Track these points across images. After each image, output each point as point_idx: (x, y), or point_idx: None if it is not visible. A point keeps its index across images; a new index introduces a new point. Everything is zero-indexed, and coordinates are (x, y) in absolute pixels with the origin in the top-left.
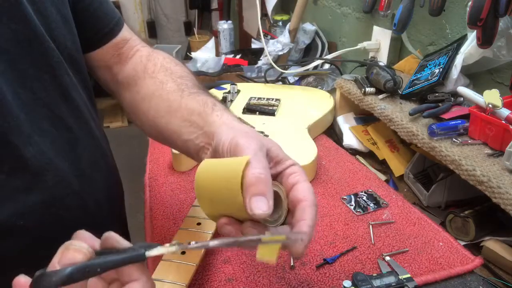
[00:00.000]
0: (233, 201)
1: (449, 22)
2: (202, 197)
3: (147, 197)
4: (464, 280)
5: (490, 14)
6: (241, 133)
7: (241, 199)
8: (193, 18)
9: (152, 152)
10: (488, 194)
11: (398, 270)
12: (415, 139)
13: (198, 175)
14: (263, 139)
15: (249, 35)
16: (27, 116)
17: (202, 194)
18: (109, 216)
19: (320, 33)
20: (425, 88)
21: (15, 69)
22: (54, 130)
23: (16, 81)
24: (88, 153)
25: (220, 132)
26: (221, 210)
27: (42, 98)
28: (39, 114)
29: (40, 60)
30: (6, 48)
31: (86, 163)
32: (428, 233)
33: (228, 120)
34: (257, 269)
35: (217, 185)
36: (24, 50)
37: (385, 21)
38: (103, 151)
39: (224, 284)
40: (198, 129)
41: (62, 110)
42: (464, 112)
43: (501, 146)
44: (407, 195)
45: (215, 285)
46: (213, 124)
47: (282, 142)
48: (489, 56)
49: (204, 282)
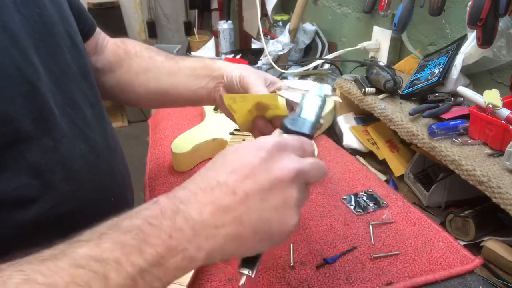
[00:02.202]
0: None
1: (449, 22)
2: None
3: (147, 197)
4: (464, 280)
5: (490, 14)
6: (244, 68)
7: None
8: (193, 18)
9: (152, 152)
10: (488, 194)
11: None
12: (415, 139)
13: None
14: (258, 71)
15: (249, 35)
16: (59, 90)
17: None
18: (129, 188)
19: (320, 33)
20: (425, 88)
21: (45, 47)
22: (83, 104)
23: (47, 58)
24: (109, 128)
25: (230, 71)
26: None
27: (69, 74)
28: (68, 88)
29: (62, 40)
30: (37, 28)
31: (110, 136)
32: (428, 233)
33: (231, 63)
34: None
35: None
36: (49, 30)
37: (385, 21)
38: (114, 130)
39: (224, 284)
40: (206, 77)
41: (85, 87)
42: (464, 112)
43: (501, 146)
44: (407, 195)
45: (215, 285)
46: (220, 69)
47: None
48: (489, 56)
49: (204, 282)
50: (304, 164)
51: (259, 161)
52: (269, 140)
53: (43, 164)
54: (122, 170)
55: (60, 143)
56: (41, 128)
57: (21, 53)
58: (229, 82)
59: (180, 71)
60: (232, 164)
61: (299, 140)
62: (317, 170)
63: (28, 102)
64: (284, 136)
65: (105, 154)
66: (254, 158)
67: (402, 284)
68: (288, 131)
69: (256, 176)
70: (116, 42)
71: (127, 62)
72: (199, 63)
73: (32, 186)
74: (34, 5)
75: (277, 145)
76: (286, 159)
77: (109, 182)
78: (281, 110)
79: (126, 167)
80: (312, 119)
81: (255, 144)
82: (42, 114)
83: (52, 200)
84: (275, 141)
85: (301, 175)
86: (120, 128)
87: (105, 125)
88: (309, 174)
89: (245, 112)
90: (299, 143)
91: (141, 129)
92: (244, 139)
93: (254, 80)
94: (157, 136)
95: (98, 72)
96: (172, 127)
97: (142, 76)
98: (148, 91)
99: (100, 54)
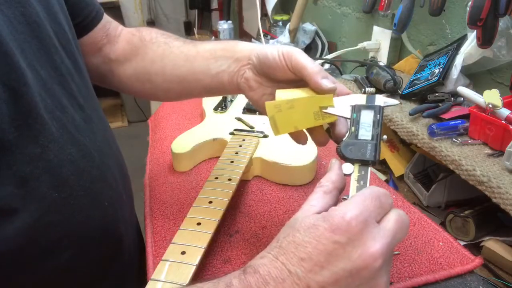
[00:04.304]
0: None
1: (449, 22)
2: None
3: (147, 197)
4: (464, 280)
5: (490, 14)
6: (283, 46)
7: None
8: (193, 18)
9: (152, 152)
10: (488, 194)
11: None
12: (415, 139)
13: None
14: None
15: (249, 35)
16: (47, 93)
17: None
18: (124, 191)
19: (320, 33)
20: (425, 88)
21: (30, 49)
22: (71, 107)
23: (34, 60)
24: (100, 130)
25: (260, 49)
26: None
27: (56, 76)
28: (57, 91)
29: (49, 40)
30: (20, 29)
31: (100, 139)
32: (428, 233)
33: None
34: None
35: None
36: (34, 31)
37: (385, 21)
38: (110, 131)
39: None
40: (228, 59)
41: (73, 88)
42: (464, 112)
43: (501, 146)
44: (407, 195)
45: None
46: (243, 50)
47: (283, 143)
48: (489, 56)
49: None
50: (388, 234)
51: (336, 247)
52: (346, 217)
53: (28, 173)
54: (116, 174)
55: (47, 149)
56: (26, 135)
57: (3, 57)
58: (264, 62)
59: (199, 54)
60: (304, 249)
61: (376, 198)
62: (402, 231)
63: (11, 109)
64: (358, 200)
65: (97, 159)
66: (328, 242)
67: (402, 284)
68: (348, 159)
69: (332, 266)
70: (131, 31)
71: (143, 50)
72: (220, 45)
73: (16, 195)
74: (18, 4)
75: (357, 223)
76: (368, 239)
77: (101, 187)
78: (332, 117)
79: (122, 171)
80: (373, 140)
81: (329, 221)
82: (27, 121)
83: (41, 208)
84: (353, 217)
85: (388, 252)
86: (120, 128)
87: (98, 128)
88: (394, 243)
89: (291, 121)
90: (377, 203)
91: (141, 129)
92: (244, 139)
93: (305, 59)
94: (157, 136)
95: (112, 63)
96: (172, 127)
97: (159, 63)
98: (165, 79)
99: (113, 44)
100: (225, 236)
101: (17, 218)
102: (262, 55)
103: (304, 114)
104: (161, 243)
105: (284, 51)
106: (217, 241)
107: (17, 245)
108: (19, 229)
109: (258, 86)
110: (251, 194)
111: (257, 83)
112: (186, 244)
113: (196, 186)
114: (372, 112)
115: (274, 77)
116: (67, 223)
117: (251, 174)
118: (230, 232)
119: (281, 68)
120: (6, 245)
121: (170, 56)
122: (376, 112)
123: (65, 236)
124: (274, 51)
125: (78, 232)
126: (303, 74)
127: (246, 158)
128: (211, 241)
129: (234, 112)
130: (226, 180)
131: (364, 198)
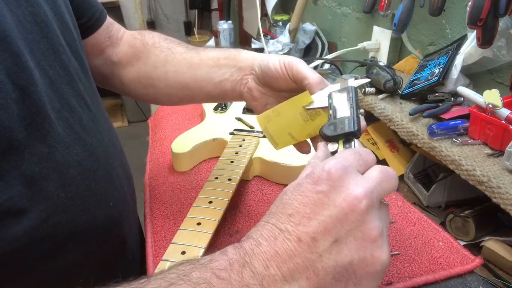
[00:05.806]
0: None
1: (449, 22)
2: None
3: (147, 197)
4: (464, 280)
5: (490, 14)
6: (285, 56)
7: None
8: (193, 18)
9: (152, 152)
10: (488, 194)
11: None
12: (415, 139)
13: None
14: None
15: (249, 35)
16: (55, 93)
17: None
18: (128, 191)
19: (320, 33)
20: (425, 88)
21: (39, 48)
22: (78, 106)
23: (42, 60)
24: (105, 130)
25: (262, 59)
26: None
27: (64, 76)
28: (65, 91)
29: (57, 40)
30: (29, 28)
31: (106, 139)
32: (428, 233)
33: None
34: None
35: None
36: (42, 30)
37: (385, 21)
38: (114, 131)
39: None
40: (230, 67)
41: (80, 88)
42: (464, 112)
43: (501, 146)
44: (407, 195)
45: None
46: (246, 60)
47: None
48: (489, 56)
49: None
50: (371, 180)
51: (320, 197)
52: (325, 167)
53: (37, 173)
54: (121, 174)
55: (55, 149)
56: (35, 135)
57: (13, 56)
58: (266, 72)
59: (202, 62)
60: (291, 206)
61: (355, 152)
62: (387, 181)
63: (21, 109)
64: (337, 155)
65: (102, 159)
66: (312, 194)
67: (402, 284)
68: (331, 138)
69: (319, 215)
70: (133, 34)
71: (145, 54)
72: (223, 53)
73: (25, 195)
74: (27, 3)
75: (336, 170)
76: (350, 184)
77: (106, 188)
78: (323, 115)
79: (126, 171)
80: (351, 114)
81: (311, 176)
82: (35, 120)
83: (48, 209)
84: (331, 166)
85: (373, 196)
86: (120, 128)
87: (103, 128)
88: (380, 190)
89: (283, 129)
90: (357, 156)
91: (141, 129)
92: (244, 139)
93: (306, 69)
94: (157, 136)
95: (114, 65)
96: (172, 127)
97: (161, 68)
98: (167, 84)
99: (116, 47)
100: (225, 236)
101: (25, 218)
102: (264, 65)
103: (292, 117)
104: (161, 243)
105: (285, 61)
106: (217, 241)
107: (24, 245)
108: (27, 229)
109: (260, 96)
110: (251, 194)
111: (260, 93)
112: (186, 244)
113: (196, 186)
114: (345, 93)
115: (276, 86)
116: (73, 223)
117: (251, 174)
118: (230, 232)
119: (283, 78)
120: (14, 245)
121: (172, 62)
122: (348, 92)
123: (71, 236)
124: (276, 61)
125: (83, 232)
126: (304, 84)
127: (246, 158)
128: (211, 241)
129: (234, 112)
130: (226, 180)
131: (343, 153)
